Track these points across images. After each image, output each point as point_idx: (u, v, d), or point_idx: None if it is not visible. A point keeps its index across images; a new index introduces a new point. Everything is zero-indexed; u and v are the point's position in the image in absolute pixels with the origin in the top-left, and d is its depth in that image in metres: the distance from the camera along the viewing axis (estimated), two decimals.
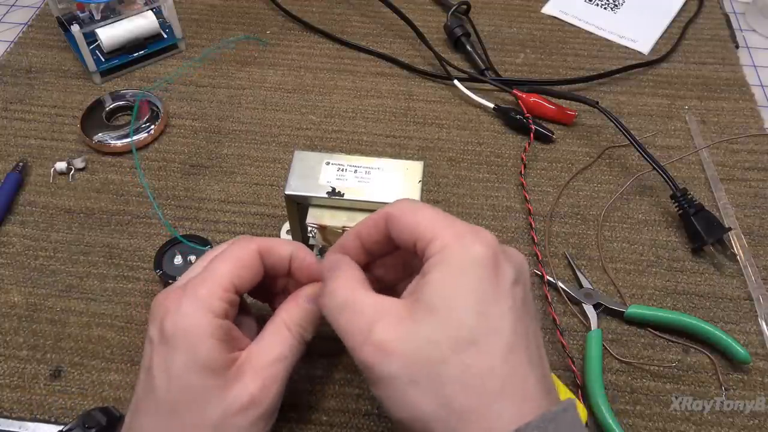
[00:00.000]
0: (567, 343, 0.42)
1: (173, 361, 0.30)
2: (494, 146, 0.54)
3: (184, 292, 0.31)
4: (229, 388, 0.30)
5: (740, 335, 0.43)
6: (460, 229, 0.28)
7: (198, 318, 0.30)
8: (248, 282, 0.33)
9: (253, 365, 0.31)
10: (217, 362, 0.30)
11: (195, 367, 0.30)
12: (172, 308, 0.30)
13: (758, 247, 0.47)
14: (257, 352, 0.32)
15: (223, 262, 0.32)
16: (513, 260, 0.28)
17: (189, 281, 0.32)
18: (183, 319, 0.30)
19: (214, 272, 0.32)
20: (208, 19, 0.65)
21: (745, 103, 0.57)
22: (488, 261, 0.27)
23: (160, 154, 0.53)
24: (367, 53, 0.62)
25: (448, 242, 0.28)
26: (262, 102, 0.57)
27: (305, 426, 0.39)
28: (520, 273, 0.28)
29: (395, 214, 0.30)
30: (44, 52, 0.62)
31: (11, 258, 0.46)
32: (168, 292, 0.32)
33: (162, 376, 0.30)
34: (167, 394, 0.30)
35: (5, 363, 0.41)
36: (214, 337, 0.30)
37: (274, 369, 0.31)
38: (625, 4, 0.68)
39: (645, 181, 0.51)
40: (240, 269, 0.32)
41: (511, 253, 0.29)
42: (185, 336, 0.30)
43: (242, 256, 0.33)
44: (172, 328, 0.30)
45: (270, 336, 0.32)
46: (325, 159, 0.41)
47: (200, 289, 0.31)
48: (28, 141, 0.54)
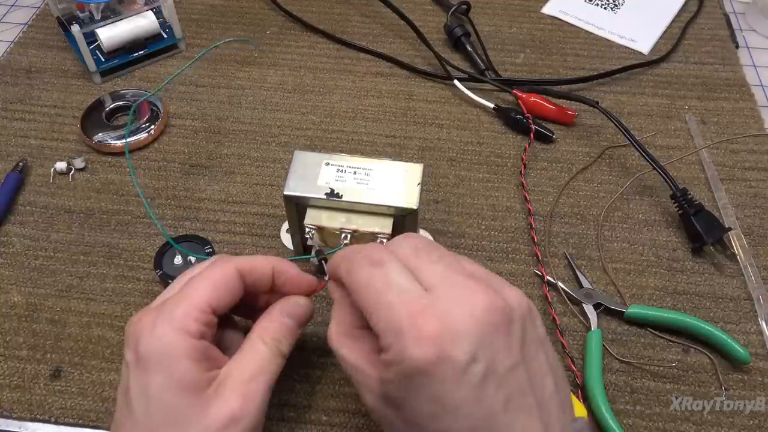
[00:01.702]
0: (567, 343, 0.42)
1: (150, 383, 0.30)
2: (494, 146, 0.54)
3: (158, 313, 0.31)
4: (209, 406, 0.30)
5: (740, 335, 0.43)
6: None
7: (172, 340, 0.30)
8: (226, 302, 0.33)
9: (232, 382, 0.31)
10: (194, 382, 0.30)
11: (172, 388, 0.29)
12: (146, 331, 0.30)
13: (758, 247, 0.47)
14: (235, 369, 0.31)
15: (200, 283, 0.32)
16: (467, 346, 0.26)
17: (164, 302, 0.32)
18: (157, 341, 0.30)
19: (191, 293, 0.32)
20: (208, 19, 0.65)
21: (745, 103, 0.57)
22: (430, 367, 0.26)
23: (160, 154, 0.53)
24: (367, 53, 0.62)
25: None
26: (262, 102, 0.57)
27: (305, 426, 0.39)
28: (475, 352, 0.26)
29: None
30: (44, 52, 0.62)
31: (11, 258, 0.46)
32: (142, 314, 0.32)
33: (140, 399, 0.30)
34: (146, 417, 0.30)
35: (5, 363, 0.41)
36: (189, 358, 0.30)
37: (253, 385, 0.31)
38: (625, 4, 0.68)
39: (645, 181, 0.51)
40: (217, 290, 0.32)
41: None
42: (160, 358, 0.30)
43: (220, 276, 0.32)
44: (146, 350, 0.30)
45: (247, 352, 0.32)
46: (325, 160, 0.41)
47: (175, 311, 0.31)
48: (28, 141, 0.54)
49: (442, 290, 0.28)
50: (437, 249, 0.30)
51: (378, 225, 0.40)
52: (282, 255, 0.47)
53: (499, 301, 0.27)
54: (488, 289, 0.28)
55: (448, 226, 0.48)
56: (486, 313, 0.27)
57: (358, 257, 0.30)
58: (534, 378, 0.27)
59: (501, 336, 0.27)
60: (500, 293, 0.28)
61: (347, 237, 0.40)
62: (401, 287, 0.28)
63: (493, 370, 0.26)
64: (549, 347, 0.29)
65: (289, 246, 0.47)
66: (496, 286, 0.28)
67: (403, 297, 0.27)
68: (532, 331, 0.28)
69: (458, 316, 0.26)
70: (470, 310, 0.27)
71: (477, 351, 0.26)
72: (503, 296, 0.28)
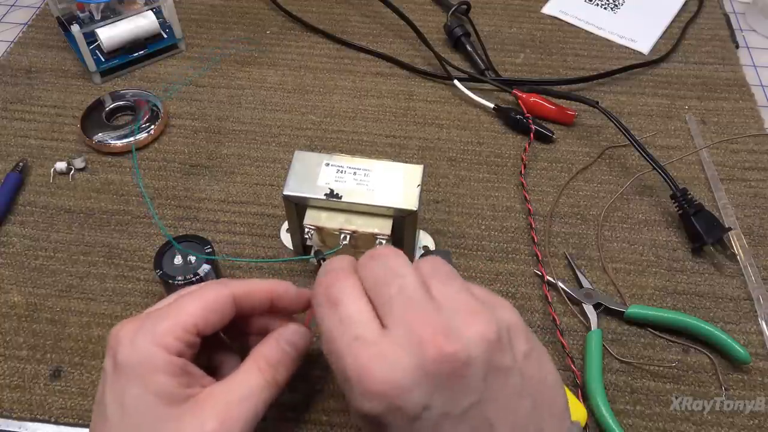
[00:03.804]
0: (567, 343, 0.42)
1: (125, 391, 0.29)
2: (494, 146, 0.54)
3: (141, 324, 0.31)
4: (184, 422, 0.29)
5: (740, 335, 0.42)
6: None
7: (151, 352, 0.30)
8: (213, 325, 0.32)
9: (214, 402, 0.30)
10: (169, 396, 0.29)
11: (147, 398, 0.29)
12: (126, 340, 0.30)
13: (758, 247, 0.47)
14: (221, 390, 0.31)
15: (191, 302, 0.32)
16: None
17: (150, 314, 0.32)
18: (135, 351, 0.30)
19: (179, 310, 0.31)
20: (208, 19, 0.65)
21: (745, 103, 0.57)
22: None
23: (160, 154, 0.53)
24: (367, 53, 0.62)
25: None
26: (262, 102, 0.57)
27: (305, 426, 0.39)
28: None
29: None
30: (44, 52, 0.62)
31: (11, 258, 0.46)
32: (125, 323, 0.31)
33: (114, 406, 0.29)
34: (120, 426, 0.29)
35: (5, 363, 0.41)
36: (166, 372, 0.29)
37: (237, 409, 0.30)
38: (625, 4, 0.68)
39: (645, 181, 0.51)
40: (207, 312, 0.32)
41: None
42: (137, 368, 0.29)
43: (213, 298, 0.32)
44: (124, 359, 0.30)
45: (239, 375, 0.32)
46: (325, 160, 0.41)
47: (158, 325, 0.30)
48: (28, 141, 0.54)
49: (396, 330, 0.26)
50: (409, 275, 0.28)
51: (377, 226, 0.40)
52: (282, 255, 0.47)
53: (452, 345, 0.26)
54: (444, 330, 0.26)
55: (448, 226, 0.48)
56: (437, 360, 0.25)
57: (319, 291, 0.29)
58: (500, 407, 0.27)
59: (456, 379, 0.26)
60: (457, 333, 0.26)
61: (346, 237, 0.40)
62: (354, 332, 0.27)
63: (448, 413, 0.26)
64: (531, 364, 0.28)
65: (288, 246, 0.47)
66: (454, 323, 0.26)
67: (352, 345, 0.27)
68: (501, 358, 0.27)
69: (407, 366, 0.25)
70: (420, 361, 0.25)
71: (429, 399, 0.25)
72: (459, 336, 0.26)
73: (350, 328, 0.27)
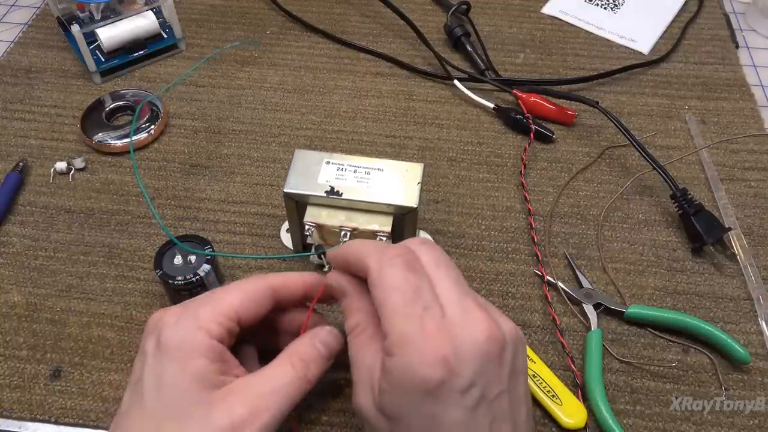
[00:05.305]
0: (567, 343, 0.42)
1: (164, 371, 0.30)
2: (494, 146, 0.54)
3: (184, 309, 0.32)
4: (214, 408, 0.30)
5: (740, 335, 0.42)
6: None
7: (192, 334, 0.31)
8: (253, 314, 0.33)
9: (245, 392, 0.31)
10: (206, 379, 0.30)
11: (185, 379, 0.30)
12: (171, 322, 0.32)
13: (758, 247, 0.47)
14: (253, 381, 0.32)
15: (232, 291, 0.33)
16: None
17: (192, 301, 0.33)
18: (178, 332, 0.31)
19: (221, 299, 0.33)
20: (208, 19, 0.65)
21: (745, 103, 0.57)
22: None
23: (160, 154, 0.53)
24: (367, 53, 0.62)
25: None
26: (262, 102, 0.57)
27: (305, 426, 0.39)
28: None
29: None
30: (44, 52, 0.62)
31: (11, 258, 0.46)
32: (167, 308, 0.33)
33: (151, 386, 0.30)
34: (156, 406, 0.30)
35: (5, 363, 0.41)
36: (206, 356, 0.31)
37: (266, 400, 0.31)
38: (625, 4, 0.68)
39: (645, 181, 0.51)
40: (248, 301, 0.33)
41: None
42: (179, 349, 0.31)
43: (252, 288, 0.34)
44: (167, 340, 0.31)
45: (272, 368, 0.32)
46: (325, 158, 0.41)
47: (201, 310, 0.32)
48: (28, 141, 0.54)
49: (455, 312, 0.29)
50: (454, 267, 0.31)
51: (378, 223, 0.40)
52: (282, 254, 0.47)
53: (498, 331, 0.29)
54: (490, 317, 0.29)
55: (448, 226, 0.48)
56: (487, 342, 0.28)
57: (394, 256, 0.30)
58: (513, 405, 0.29)
59: (495, 364, 0.28)
60: (498, 322, 0.29)
61: (347, 235, 0.40)
62: (427, 303, 0.29)
63: (485, 396, 0.28)
64: (526, 379, 0.31)
65: (288, 246, 0.47)
66: (494, 315, 0.30)
67: (424, 313, 0.28)
68: (517, 362, 0.30)
69: (467, 341, 0.28)
70: (476, 336, 0.28)
71: (476, 377, 0.27)
72: (500, 326, 0.29)
73: (422, 299, 0.29)
